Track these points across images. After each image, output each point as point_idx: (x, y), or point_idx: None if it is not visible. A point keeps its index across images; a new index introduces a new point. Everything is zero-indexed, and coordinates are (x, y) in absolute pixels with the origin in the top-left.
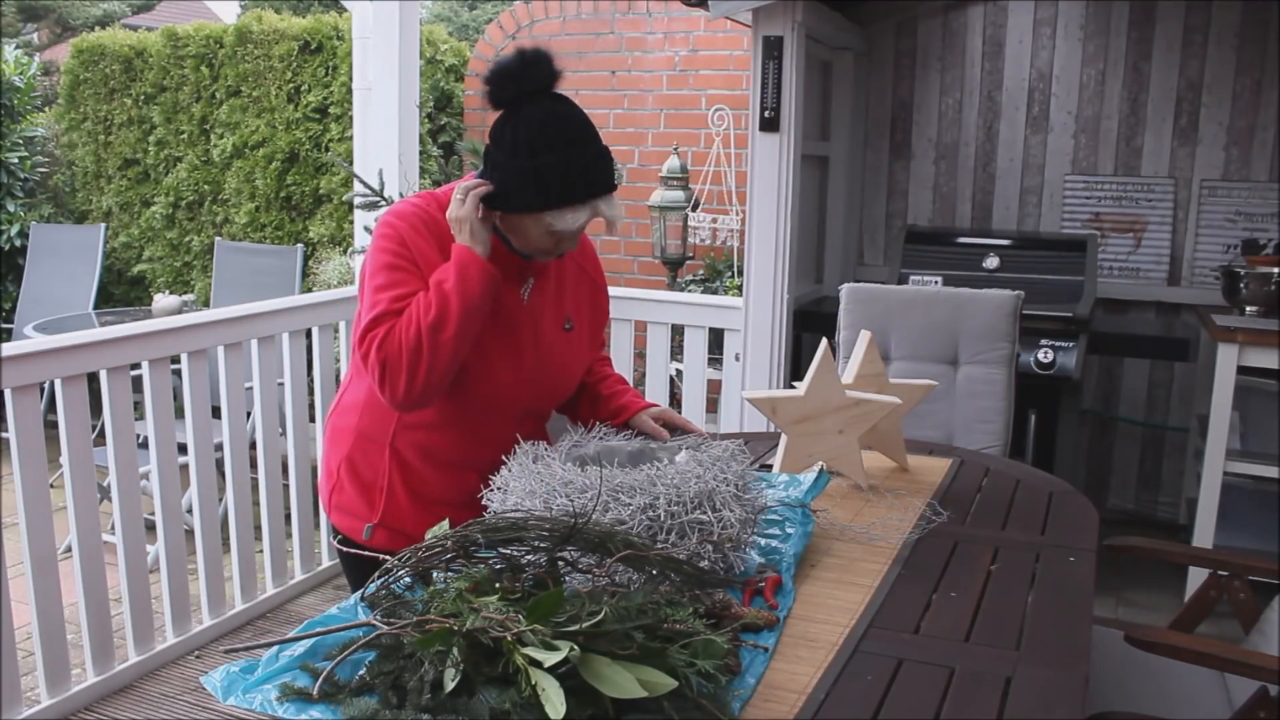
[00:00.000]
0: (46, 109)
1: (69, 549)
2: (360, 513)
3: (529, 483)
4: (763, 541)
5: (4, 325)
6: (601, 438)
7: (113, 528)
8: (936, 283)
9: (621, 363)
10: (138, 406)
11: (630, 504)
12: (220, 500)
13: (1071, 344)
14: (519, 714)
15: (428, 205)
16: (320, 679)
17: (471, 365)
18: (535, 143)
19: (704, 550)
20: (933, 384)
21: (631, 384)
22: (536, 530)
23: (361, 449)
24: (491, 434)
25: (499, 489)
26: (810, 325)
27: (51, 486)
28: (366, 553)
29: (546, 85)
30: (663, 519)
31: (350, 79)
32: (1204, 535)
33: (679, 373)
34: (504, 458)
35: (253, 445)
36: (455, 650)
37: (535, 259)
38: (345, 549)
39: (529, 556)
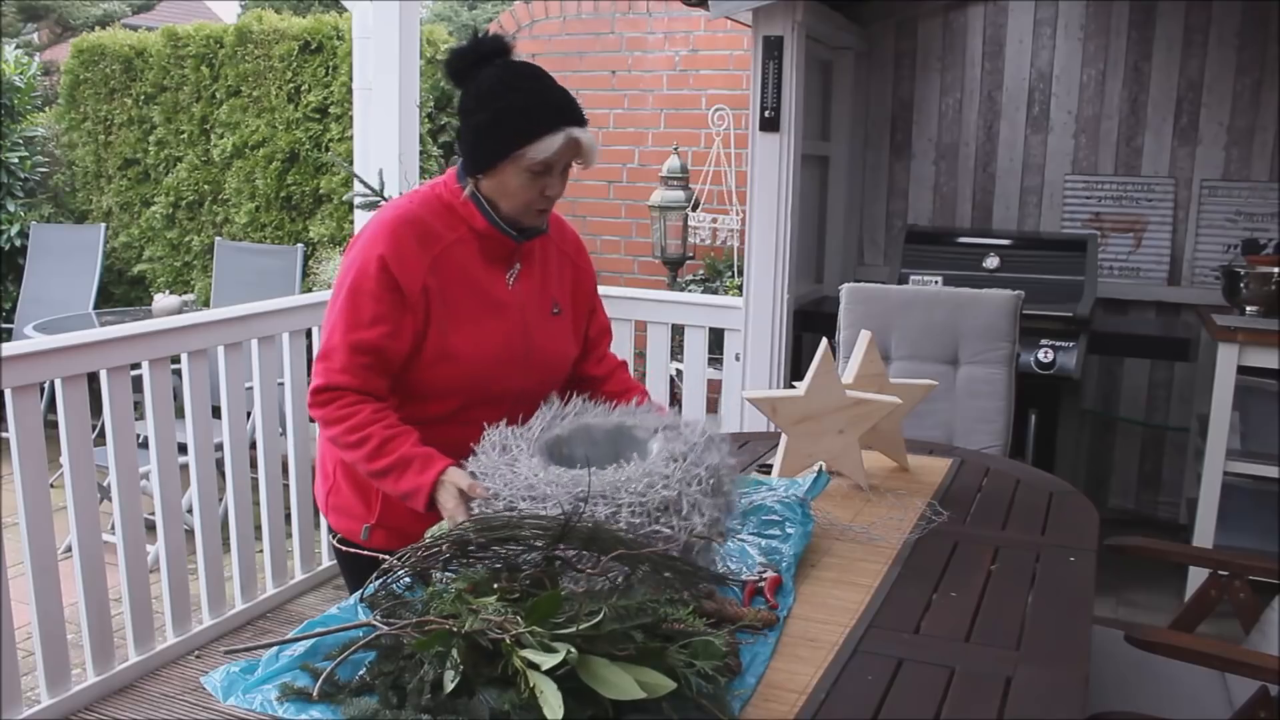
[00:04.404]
0: (46, 109)
1: (69, 549)
2: (357, 513)
3: (493, 482)
4: (763, 541)
5: (4, 325)
6: (578, 413)
7: (113, 528)
8: (936, 283)
9: None
10: (138, 406)
11: (595, 513)
12: (220, 500)
13: (1071, 344)
14: (519, 715)
15: (413, 206)
16: (320, 679)
17: (464, 355)
18: (496, 89)
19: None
20: (933, 384)
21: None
22: (531, 529)
23: None
24: (488, 422)
25: None
26: (810, 325)
27: (51, 486)
28: (366, 553)
29: (497, 50)
30: (625, 530)
31: (350, 79)
32: (1204, 535)
33: (679, 373)
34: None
35: (253, 445)
36: (455, 651)
37: (525, 225)
38: (345, 549)
39: (524, 555)
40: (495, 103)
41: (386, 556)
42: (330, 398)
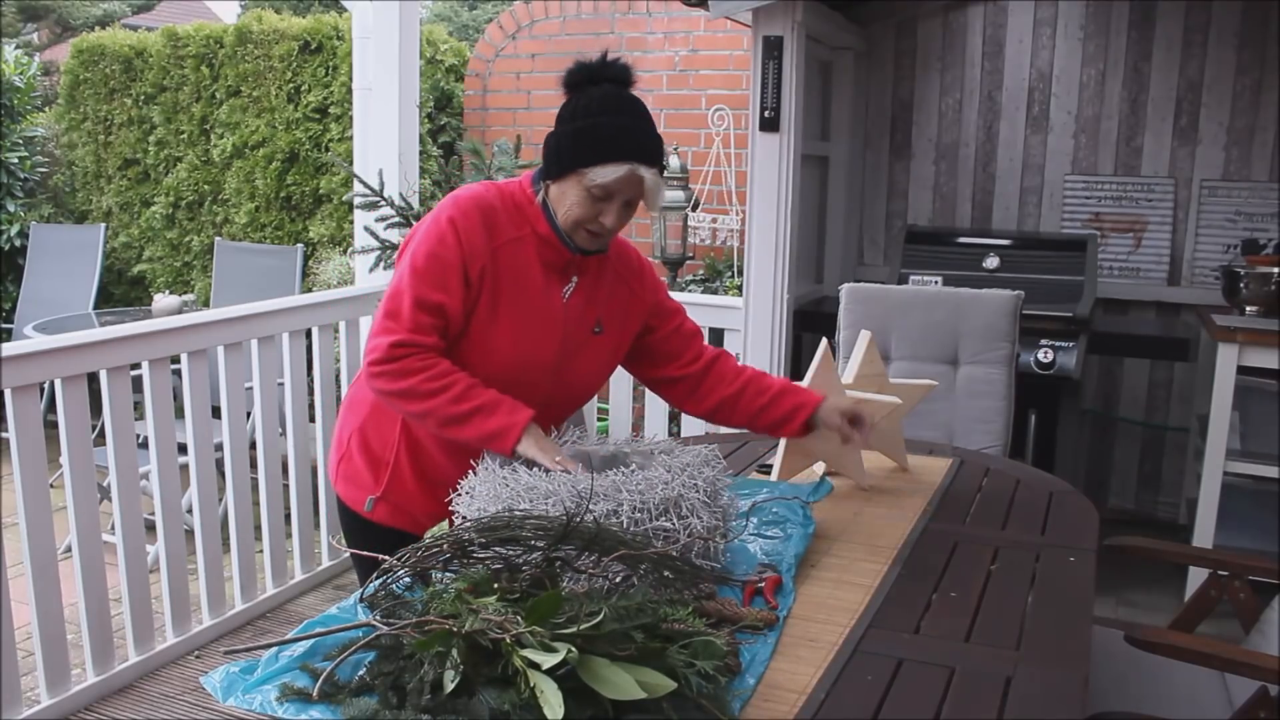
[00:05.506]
0: (46, 109)
1: (69, 549)
2: (365, 484)
3: (494, 488)
4: (763, 542)
5: (4, 325)
6: (575, 441)
7: (113, 528)
8: (936, 283)
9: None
10: (138, 406)
11: (594, 510)
12: (220, 500)
13: (1071, 344)
14: (519, 715)
15: (488, 193)
16: (320, 679)
17: (501, 350)
18: (590, 108)
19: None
20: (933, 384)
21: (631, 386)
22: (532, 529)
23: (375, 421)
24: None
25: (466, 493)
26: (810, 325)
27: (51, 486)
28: (367, 554)
29: (616, 77)
30: (626, 525)
31: (350, 79)
32: (1204, 535)
33: None
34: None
35: (253, 445)
36: (455, 651)
37: (578, 241)
38: (348, 549)
39: (524, 556)
40: (583, 119)
41: (386, 558)
42: (407, 351)
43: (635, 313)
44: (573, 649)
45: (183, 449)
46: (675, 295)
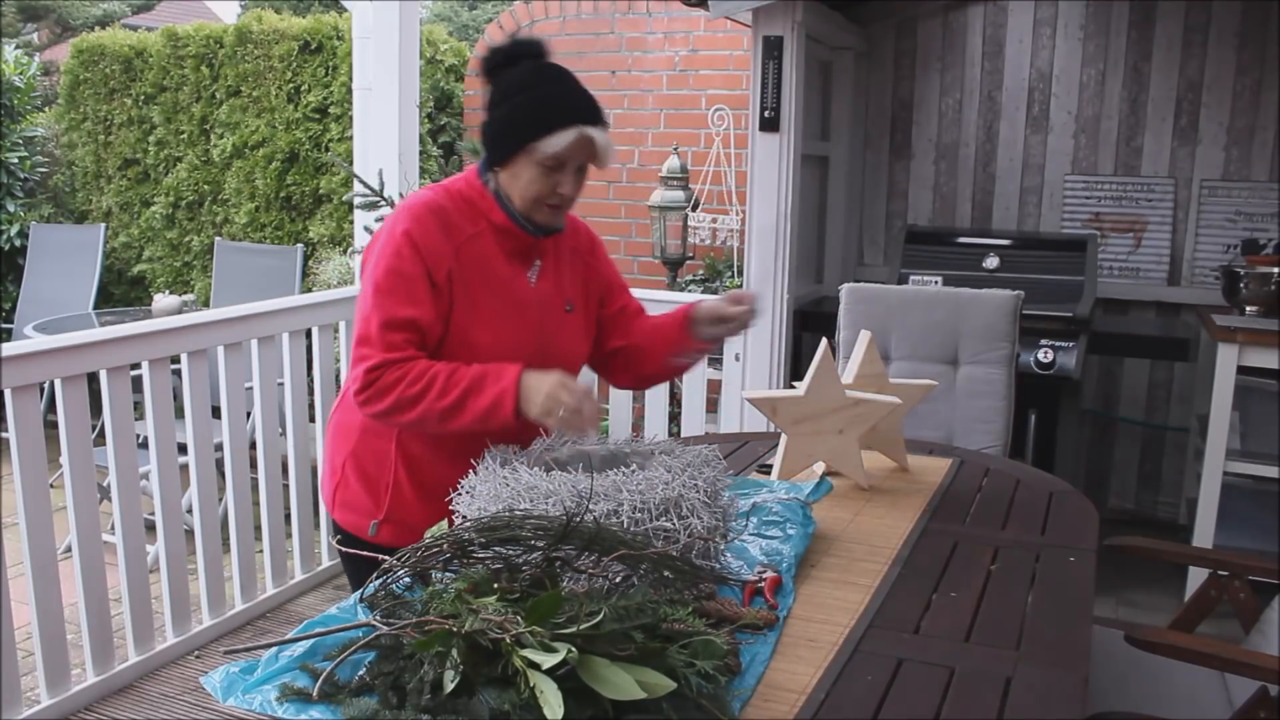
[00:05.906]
0: (46, 109)
1: (69, 549)
2: (365, 509)
3: (495, 488)
4: (763, 542)
5: (4, 325)
6: (575, 441)
7: (113, 528)
8: (936, 283)
9: None
10: (138, 406)
11: (594, 510)
12: (220, 500)
13: (1071, 344)
14: (519, 714)
15: (438, 196)
16: (320, 679)
17: (482, 349)
18: (519, 85)
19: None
20: (933, 384)
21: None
22: (532, 529)
23: (367, 444)
24: None
25: (466, 493)
26: (810, 325)
27: (51, 486)
28: (366, 553)
29: (531, 53)
30: (626, 525)
31: (350, 79)
32: (1204, 535)
33: None
34: (514, 447)
35: (253, 445)
36: (455, 651)
37: (537, 221)
38: (346, 549)
39: (524, 556)
40: (516, 97)
41: (387, 557)
42: (379, 374)
43: (594, 285)
44: (573, 649)
45: (183, 449)
46: (675, 295)
